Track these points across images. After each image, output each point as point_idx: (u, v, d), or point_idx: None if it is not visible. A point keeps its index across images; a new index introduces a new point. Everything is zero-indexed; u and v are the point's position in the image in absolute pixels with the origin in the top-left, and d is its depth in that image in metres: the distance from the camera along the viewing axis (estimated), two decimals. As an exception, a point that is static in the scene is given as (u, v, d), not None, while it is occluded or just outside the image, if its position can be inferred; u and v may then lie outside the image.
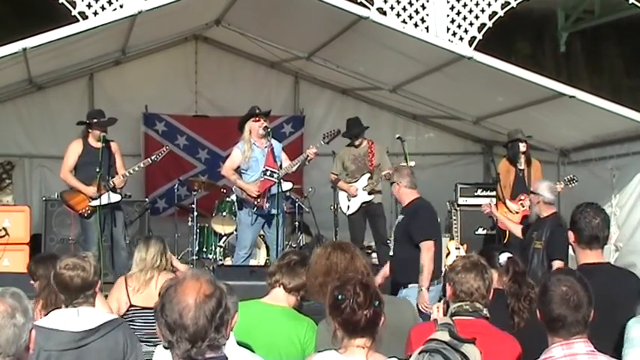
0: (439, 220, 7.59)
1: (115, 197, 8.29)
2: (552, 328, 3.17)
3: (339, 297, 3.19)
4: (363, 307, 3.15)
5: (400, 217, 6.96)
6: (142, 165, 8.57)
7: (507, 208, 9.14)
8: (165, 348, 2.62)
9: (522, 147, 9.18)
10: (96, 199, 8.06)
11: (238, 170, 8.51)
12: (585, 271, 4.03)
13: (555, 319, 3.15)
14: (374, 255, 9.78)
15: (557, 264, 6.56)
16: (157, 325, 2.64)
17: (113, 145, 8.42)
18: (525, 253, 6.96)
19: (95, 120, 8.32)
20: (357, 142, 9.56)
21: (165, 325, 2.58)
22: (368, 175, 9.47)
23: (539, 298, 3.29)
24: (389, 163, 9.55)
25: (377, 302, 3.19)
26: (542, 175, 9.40)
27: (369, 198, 9.48)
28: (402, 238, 6.77)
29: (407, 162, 9.04)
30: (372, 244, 9.99)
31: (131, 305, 5.44)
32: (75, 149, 8.31)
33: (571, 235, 4.17)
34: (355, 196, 9.44)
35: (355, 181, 9.51)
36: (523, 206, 9.10)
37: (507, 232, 9.15)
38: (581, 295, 3.16)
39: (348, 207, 9.48)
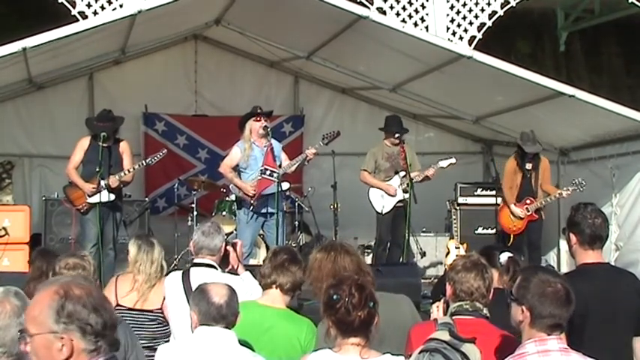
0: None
1: (109, 196, 8.24)
2: None
3: (335, 297, 3.19)
4: (358, 307, 3.16)
5: None
6: (136, 167, 8.53)
7: (511, 212, 9.12)
8: None
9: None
10: (91, 196, 8.10)
11: (237, 169, 8.50)
12: (585, 271, 4.03)
13: None
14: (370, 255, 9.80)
15: None
16: None
17: (122, 145, 8.46)
18: None
19: (94, 123, 8.41)
20: (397, 141, 9.31)
21: None
22: (402, 173, 9.25)
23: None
24: (419, 164, 9.42)
25: (372, 303, 3.20)
26: (550, 174, 9.38)
27: (404, 197, 9.26)
28: None
29: (407, 162, 9.03)
30: (372, 243, 9.97)
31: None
32: (82, 146, 8.37)
33: (572, 238, 4.11)
34: (394, 195, 9.24)
35: (389, 179, 9.33)
36: (528, 211, 9.07)
37: (512, 236, 9.15)
38: None
39: (383, 206, 9.24)
